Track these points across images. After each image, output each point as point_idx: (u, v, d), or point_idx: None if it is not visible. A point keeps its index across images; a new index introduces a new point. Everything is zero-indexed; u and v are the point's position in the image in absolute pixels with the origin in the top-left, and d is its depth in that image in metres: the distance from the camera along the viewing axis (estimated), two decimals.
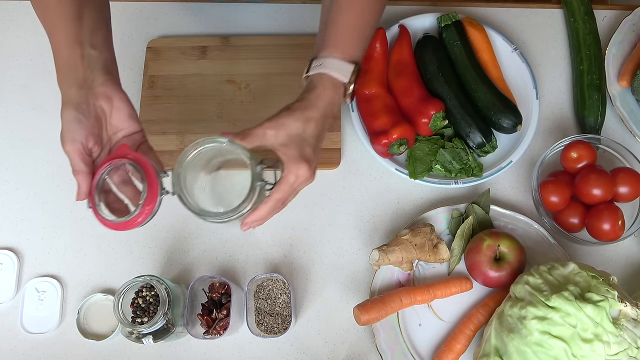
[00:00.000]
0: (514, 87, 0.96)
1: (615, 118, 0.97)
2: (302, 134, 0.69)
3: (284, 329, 0.83)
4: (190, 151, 0.67)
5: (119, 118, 0.69)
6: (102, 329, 0.86)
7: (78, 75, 0.67)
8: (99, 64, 0.69)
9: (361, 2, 0.75)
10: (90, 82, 0.67)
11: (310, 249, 0.91)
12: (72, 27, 0.68)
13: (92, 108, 0.67)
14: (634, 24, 1.01)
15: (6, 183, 0.94)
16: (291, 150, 0.68)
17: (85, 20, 0.69)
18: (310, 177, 0.69)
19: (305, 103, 0.71)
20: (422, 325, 0.86)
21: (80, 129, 0.65)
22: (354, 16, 0.75)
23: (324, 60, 0.72)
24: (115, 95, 0.68)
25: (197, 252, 0.91)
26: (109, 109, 0.68)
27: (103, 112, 0.68)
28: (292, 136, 0.69)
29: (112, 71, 0.71)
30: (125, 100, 0.69)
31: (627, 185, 0.87)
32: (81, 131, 0.65)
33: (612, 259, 0.91)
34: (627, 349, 0.70)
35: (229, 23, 1.04)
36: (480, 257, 0.84)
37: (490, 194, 0.91)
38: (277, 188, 0.68)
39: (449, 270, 0.89)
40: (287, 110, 0.70)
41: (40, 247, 0.91)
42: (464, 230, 0.88)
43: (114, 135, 0.69)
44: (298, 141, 0.69)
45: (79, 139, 0.65)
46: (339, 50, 0.73)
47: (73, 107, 0.66)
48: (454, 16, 0.97)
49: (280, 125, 0.68)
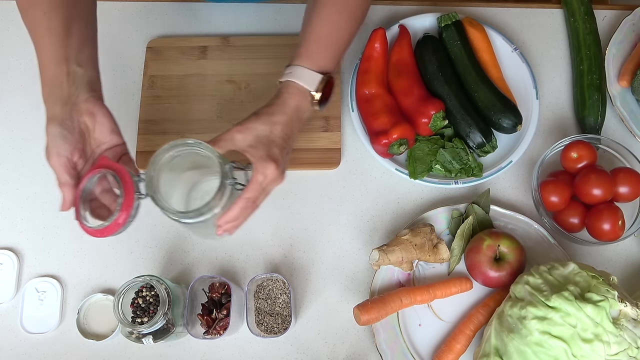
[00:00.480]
0: (514, 87, 0.96)
1: (615, 118, 0.97)
2: (269, 136, 0.73)
3: (284, 329, 0.83)
4: (162, 153, 0.69)
5: (102, 132, 0.72)
6: (102, 329, 0.86)
7: (63, 92, 0.70)
8: (83, 81, 0.72)
9: (336, 13, 0.78)
10: (74, 98, 0.70)
11: (310, 249, 0.91)
12: (60, 44, 0.71)
13: (77, 124, 0.70)
14: (634, 24, 1.01)
15: (6, 183, 0.94)
16: (259, 151, 0.71)
17: (73, 37, 0.72)
18: (278, 176, 0.72)
19: (272, 108, 0.74)
20: (422, 325, 0.86)
21: (65, 144, 0.68)
22: (328, 27, 0.78)
23: (294, 68, 0.76)
24: (99, 111, 0.71)
25: (197, 252, 0.91)
26: (92, 124, 0.71)
27: (87, 127, 0.71)
28: (260, 138, 0.72)
29: (95, 88, 0.73)
30: (108, 116, 0.72)
31: (627, 185, 0.86)
32: (66, 146, 0.68)
33: (612, 259, 0.91)
34: (627, 349, 0.70)
35: (229, 23, 1.04)
36: (480, 257, 0.84)
37: (490, 194, 0.91)
38: (247, 188, 0.71)
39: (449, 270, 0.89)
40: (255, 115, 0.74)
41: (40, 247, 0.91)
42: (464, 230, 0.88)
43: (97, 148, 0.72)
44: (265, 142, 0.72)
45: (64, 154, 0.68)
46: (309, 60, 0.76)
47: (58, 123, 0.69)
48: (454, 16, 0.97)
49: (247, 128, 0.72)
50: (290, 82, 0.76)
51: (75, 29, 0.73)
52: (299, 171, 0.94)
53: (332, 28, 0.78)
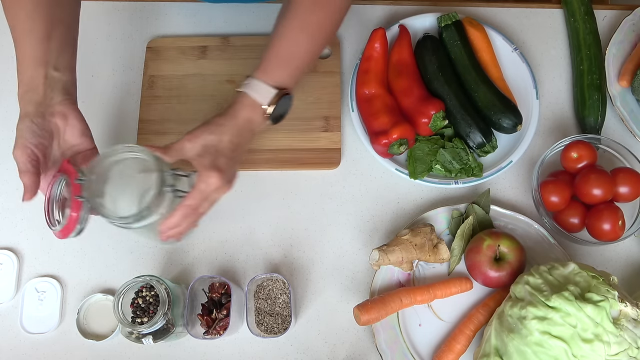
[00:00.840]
0: (514, 87, 0.96)
1: (615, 118, 0.97)
2: (217, 146, 0.74)
3: (284, 329, 0.83)
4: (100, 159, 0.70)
5: (72, 135, 0.74)
6: (102, 329, 0.86)
7: (38, 94, 0.73)
8: (59, 85, 0.74)
9: (299, 31, 0.78)
10: (48, 100, 0.72)
11: (310, 249, 0.91)
12: (40, 48, 0.73)
13: (47, 123, 0.72)
14: (634, 24, 1.01)
15: (6, 183, 0.94)
16: (204, 160, 0.73)
17: (53, 41, 0.74)
18: (222, 185, 0.73)
19: (222, 119, 0.76)
20: (422, 325, 0.86)
21: (32, 138, 0.70)
22: (288, 44, 0.78)
23: (251, 81, 0.77)
24: (71, 114, 0.73)
25: (197, 252, 0.91)
26: (64, 126, 0.73)
27: (57, 128, 0.73)
28: (207, 147, 0.73)
29: (71, 92, 0.75)
30: (80, 119, 0.74)
31: (627, 185, 0.86)
32: (32, 140, 0.70)
33: (612, 259, 0.91)
34: (627, 349, 0.70)
35: (229, 23, 1.04)
36: (480, 257, 0.84)
37: (490, 194, 0.91)
38: (189, 195, 0.72)
39: (449, 271, 0.89)
40: (205, 125, 0.76)
41: (40, 247, 0.91)
42: (464, 230, 0.88)
43: (67, 150, 0.74)
44: (212, 152, 0.73)
45: (30, 146, 0.70)
46: (266, 74, 0.77)
47: (29, 119, 0.71)
48: (454, 16, 0.97)
49: (196, 137, 0.74)
50: (245, 93, 0.77)
51: (57, 33, 0.74)
52: (299, 171, 0.94)
53: (292, 45, 0.78)
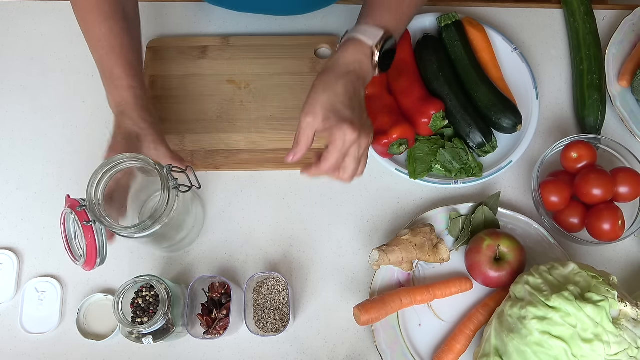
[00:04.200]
0: (514, 87, 0.96)
1: (615, 118, 0.97)
2: (334, 101, 0.72)
3: (283, 327, 0.83)
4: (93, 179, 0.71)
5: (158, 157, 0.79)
6: (102, 329, 0.86)
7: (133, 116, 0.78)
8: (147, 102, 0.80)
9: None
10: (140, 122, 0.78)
11: (310, 249, 0.91)
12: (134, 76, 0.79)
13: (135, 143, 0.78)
14: (634, 24, 1.01)
15: (6, 183, 0.94)
16: (331, 121, 0.71)
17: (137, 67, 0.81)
18: (358, 137, 0.71)
19: (324, 72, 0.74)
20: (422, 325, 0.86)
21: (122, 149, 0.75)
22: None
23: (353, 29, 0.75)
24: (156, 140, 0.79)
25: (197, 252, 0.91)
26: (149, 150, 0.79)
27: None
28: (326, 107, 0.71)
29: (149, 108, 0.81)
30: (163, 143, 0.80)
31: (627, 185, 0.86)
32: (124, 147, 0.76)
33: (612, 259, 0.91)
34: (627, 349, 0.70)
35: (229, 23, 1.04)
36: (480, 257, 0.84)
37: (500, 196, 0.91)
38: (325, 155, 0.72)
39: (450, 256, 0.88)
40: (312, 88, 0.73)
41: (40, 247, 0.91)
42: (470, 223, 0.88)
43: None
44: (333, 110, 0.71)
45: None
46: (373, 18, 0.75)
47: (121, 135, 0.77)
48: (454, 16, 0.97)
49: (312, 107, 0.72)
50: (348, 39, 0.74)
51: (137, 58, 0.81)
52: (299, 171, 0.94)
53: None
